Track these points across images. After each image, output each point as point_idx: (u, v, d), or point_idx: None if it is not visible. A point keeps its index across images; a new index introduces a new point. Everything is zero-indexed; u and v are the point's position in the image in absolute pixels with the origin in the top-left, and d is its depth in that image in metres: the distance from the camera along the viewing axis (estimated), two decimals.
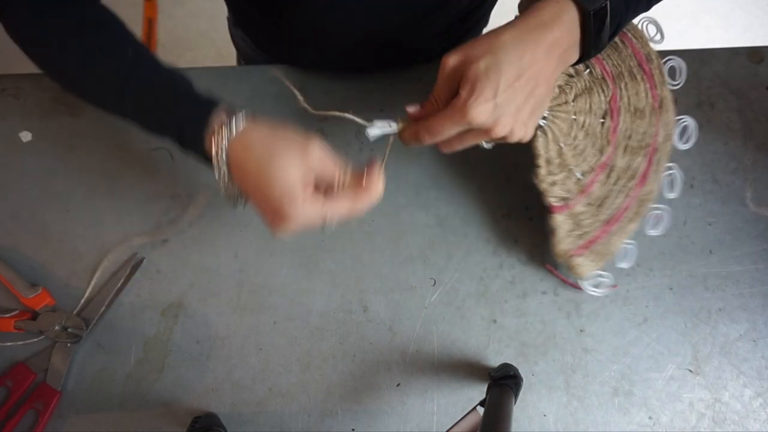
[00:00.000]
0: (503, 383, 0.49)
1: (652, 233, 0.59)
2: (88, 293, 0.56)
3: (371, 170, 0.43)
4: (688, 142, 0.61)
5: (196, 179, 0.60)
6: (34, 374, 0.54)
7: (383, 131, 0.46)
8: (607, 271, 0.58)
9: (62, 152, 0.60)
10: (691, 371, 0.56)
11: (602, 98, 0.55)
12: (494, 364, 0.56)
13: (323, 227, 0.42)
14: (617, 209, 0.56)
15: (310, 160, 0.41)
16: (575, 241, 0.55)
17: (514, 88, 0.41)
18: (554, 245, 0.54)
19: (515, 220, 0.60)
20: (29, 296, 0.54)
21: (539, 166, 0.52)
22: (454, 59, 0.42)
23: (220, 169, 0.42)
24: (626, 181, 0.56)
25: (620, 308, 0.58)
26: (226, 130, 0.41)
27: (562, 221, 0.54)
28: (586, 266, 0.55)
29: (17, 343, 0.55)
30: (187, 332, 0.56)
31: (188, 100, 0.44)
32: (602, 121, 0.55)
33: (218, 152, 0.41)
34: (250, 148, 0.41)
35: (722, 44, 0.75)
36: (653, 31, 0.59)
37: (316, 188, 0.42)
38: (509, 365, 0.54)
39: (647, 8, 0.50)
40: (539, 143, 0.52)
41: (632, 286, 0.58)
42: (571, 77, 0.55)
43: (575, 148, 0.54)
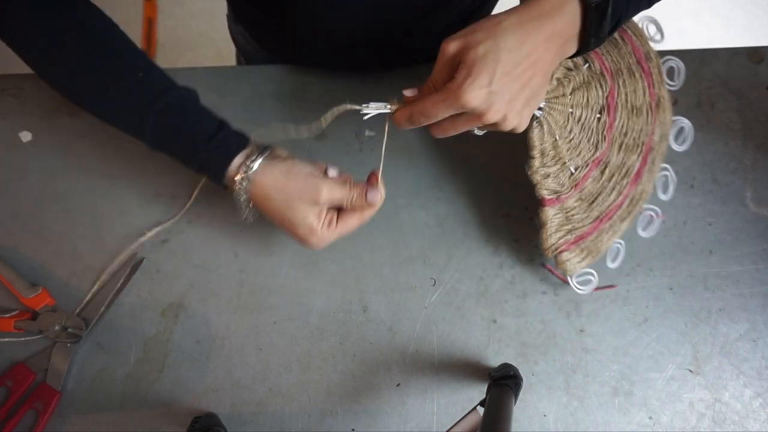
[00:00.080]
0: (503, 383, 0.49)
1: (643, 234, 0.59)
2: (90, 295, 0.56)
3: (372, 183, 0.49)
4: (684, 143, 0.61)
5: (196, 179, 0.60)
6: (34, 374, 0.54)
7: (378, 111, 0.47)
8: (604, 271, 0.58)
9: (62, 152, 0.60)
10: (691, 371, 0.56)
11: (600, 93, 0.55)
12: (494, 364, 0.56)
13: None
14: (609, 207, 0.56)
15: (322, 201, 0.47)
16: (565, 236, 0.54)
17: (510, 75, 0.41)
18: (543, 239, 0.54)
19: (515, 220, 0.60)
20: (29, 296, 0.54)
21: (533, 157, 0.52)
22: (454, 45, 0.42)
23: (241, 204, 0.49)
24: (620, 178, 0.56)
25: (620, 308, 0.58)
26: (245, 178, 0.47)
27: (553, 215, 0.54)
28: (573, 262, 0.55)
29: (17, 342, 0.55)
30: (187, 332, 0.56)
31: (207, 142, 0.48)
32: (599, 116, 0.55)
33: (239, 195, 0.48)
34: (268, 198, 0.48)
35: (722, 44, 0.75)
36: (653, 30, 0.59)
37: (329, 211, 0.49)
38: (509, 365, 0.54)
39: (648, 5, 0.50)
40: (535, 134, 0.52)
41: (632, 286, 0.58)
42: (569, 70, 0.54)
43: (570, 141, 0.54)
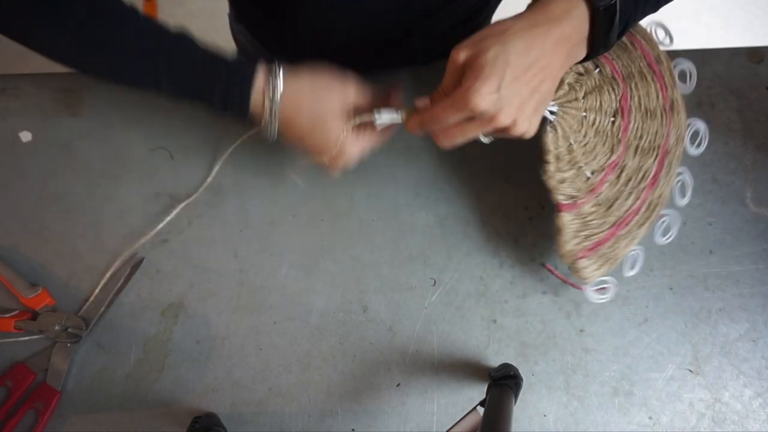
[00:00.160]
0: (503, 383, 0.49)
1: (661, 242, 0.58)
2: (90, 295, 0.56)
3: (394, 98, 0.50)
4: (699, 147, 0.60)
5: (196, 179, 0.60)
6: (34, 374, 0.54)
7: (391, 120, 0.48)
8: (610, 274, 0.56)
9: (62, 152, 0.60)
10: (691, 371, 0.56)
11: (612, 97, 0.55)
12: (494, 364, 0.56)
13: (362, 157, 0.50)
14: (626, 212, 0.54)
15: (350, 101, 0.47)
16: (582, 242, 0.53)
17: (520, 80, 0.41)
18: (560, 246, 0.53)
19: (515, 220, 0.60)
20: (29, 296, 0.54)
21: (548, 162, 0.51)
22: (464, 53, 0.42)
23: (270, 125, 0.47)
24: (636, 182, 0.55)
25: (620, 308, 0.58)
26: (271, 90, 0.45)
27: (569, 221, 0.53)
28: (591, 270, 0.54)
29: (17, 342, 0.55)
30: (187, 332, 0.56)
31: (225, 65, 0.46)
32: (612, 120, 0.54)
33: (269, 112, 0.46)
34: (299, 107, 0.46)
35: (722, 44, 0.75)
36: (662, 34, 0.59)
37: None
38: (509, 365, 0.54)
39: (656, 8, 0.50)
40: (549, 139, 0.51)
41: (632, 286, 0.58)
42: (581, 75, 0.54)
43: (585, 145, 0.53)
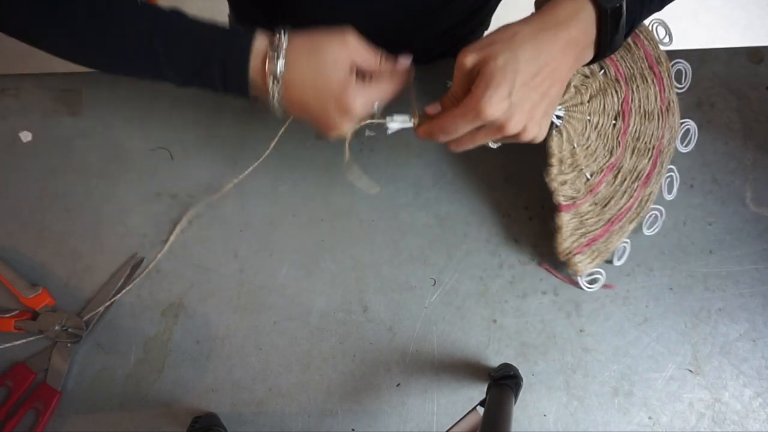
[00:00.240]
0: (503, 383, 0.49)
1: (648, 233, 0.59)
2: (90, 295, 0.56)
3: (401, 55, 0.47)
4: (689, 145, 0.61)
5: (196, 179, 0.60)
6: (34, 374, 0.54)
7: (401, 126, 0.48)
8: (605, 270, 0.58)
9: (62, 152, 0.60)
10: (691, 371, 0.56)
11: (615, 100, 0.56)
12: (494, 364, 0.56)
13: (373, 115, 0.47)
14: (620, 209, 0.57)
15: (350, 49, 0.44)
16: (578, 239, 0.55)
17: (529, 85, 0.41)
18: (558, 243, 0.55)
19: (515, 220, 0.60)
20: (29, 296, 0.54)
21: (552, 165, 0.53)
22: (471, 58, 0.41)
23: (272, 91, 0.44)
24: (631, 182, 0.57)
25: (620, 308, 0.58)
26: (274, 54, 0.43)
27: (568, 220, 0.54)
28: (584, 264, 0.56)
29: (17, 343, 0.55)
30: (187, 332, 0.56)
31: (222, 32, 0.44)
32: (614, 122, 0.56)
33: (272, 76, 0.44)
34: (298, 60, 0.44)
35: (722, 44, 0.75)
36: (662, 33, 0.59)
37: (358, 76, 0.45)
38: (509, 365, 0.54)
39: (661, 7, 0.50)
40: (554, 143, 0.52)
41: (632, 286, 0.58)
42: (586, 78, 0.55)
43: (587, 148, 0.55)
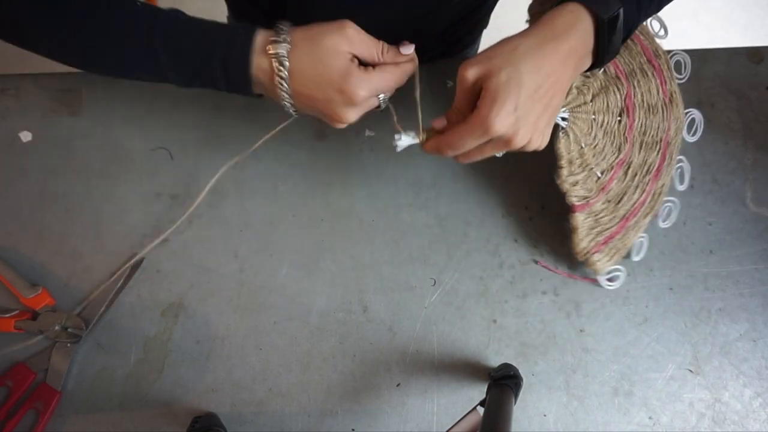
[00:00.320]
0: (503, 383, 0.49)
1: (663, 225, 0.59)
2: (90, 295, 0.56)
3: (404, 44, 0.47)
4: (695, 134, 0.62)
5: (196, 179, 0.60)
6: (34, 374, 0.54)
7: (409, 143, 0.48)
8: (620, 270, 0.58)
9: (62, 152, 0.60)
10: (691, 371, 0.56)
11: (618, 96, 0.56)
12: (494, 364, 0.56)
13: (378, 106, 0.47)
14: (634, 205, 0.57)
15: (350, 39, 0.44)
16: (595, 238, 0.56)
17: (533, 98, 0.42)
18: (575, 244, 0.55)
19: (515, 220, 0.60)
20: (29, 296, 0.54)
21: (562, 167, 0.53)
22: (473, 72, 0.42)
23: (280, 83, 0.44)
24: (642, 176, 0.57)
25: (620, 308, 0.58)
26: (277, 47, 0.43)
27: (582, 220, 0.54)
28: (603, 262, 0.56)
29: (17, 342, 0.55)
30: (187, 332, 0.56)
31: (222, 29, 0.44)
32: (619, 119, 0.56)
33: (278, 67, 0.43)
34: (299, 52, 0.43)
35: (722, 44, 0.75)
36: (657, 26, 0.60)
37: (360, 66, 0.44)
38: (509, 365, 0.54)
39: (658, 10, 0.50)
40: (562, 144, 0.53)
41: (632, 286, 0.58)
42: (587, 78, 0.56)
43: (595, 147, 0.55)
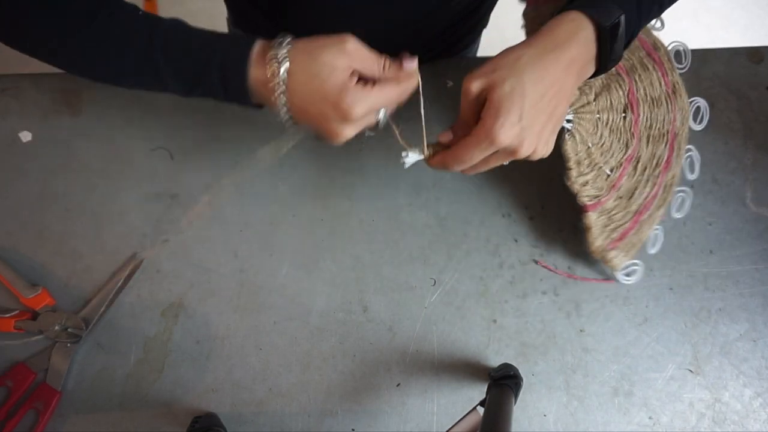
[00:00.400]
0: (503, 383, 0.49)
1: (677, 216, 0.60)
2: (90, 295, 0.56)
3: (406, 59, 0.46)
4: (701, 122, 0.62)
5: (196, 179, 0.60)
6: (34, 374, 0.54)
7: (417, 159, 0.48)
8: (637, 264, 0.58)
9: (62, 152, 0.60)
10: (691, 371, 0.56)
11: (620, 93, 0.56)
12: (494, 364, 0.56)
13: (377, 122, 0.46)
14: (646, 198, 0.57)
15: (349, 55, 0.43)
16: (609, 235, 0.56)
17: (537, 108, 0.42)
18: (590, 243, 0.55)
19: (515, 220, 0.60)
20: (29, 296, 0.54)
21: (570, 168, 0.53)
22: (476, 84, 0.42)
23: (278, 96, 0.43)
24: (652, 170, 0.57)
25: (620, 308, 0.58)
26: (276, 60, 0.42)
27: (595, 219, 0.55)
28: (620, 258, 0.56)
29: (17, 343, 0.55)
30: (187, 332, 0.56)
31: (222, 39, 0.44)
32: (623, 115, 0.56)
33: (275, 81, 0.43)
34: (296, 66, 0.43)
35: (722, 44, 0.75)
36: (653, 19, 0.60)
37: (360, 82, 0.44)
38: (509, 365, 0.54)
39: (659, 14, 0.50)
40: (568, 146, 0.53)
41: (632, 286, 0.58)
42: (590, 79, 0.56)
43: (602, 145, 0.55)
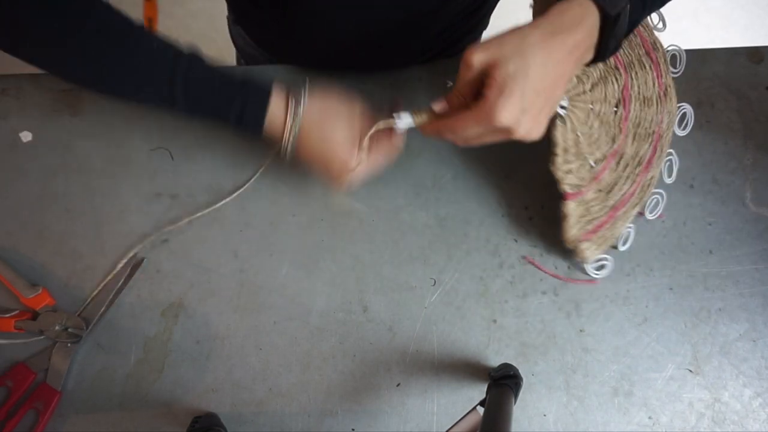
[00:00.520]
0: (503, 383, 0.49)
1: (650, 217, 0.60)
2: (90, 295, 0.56)
3: (397, 104, 0.52)
4: (686, 128, 0.62)
5: (196, 179, 0.60)
6: (34, 374, 0.54)
7: (410, 124, 0.49)
8: (607, 259, 0.58)
9: (62, 152, 0.60)
10: (691, 371, 0.56)
11: (616, 87, 0.56)
12: (494, 364, 0.56)
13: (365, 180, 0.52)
14: (624, 195, 0.57)
15: (357, 128, 0.49)
16: (584, 226, 0.56)
17: (537, 91, 0.42)
18: (565, 231, 0.55)
19: (515, 220, 0.60)
20: (29, 296, 0.54)
21: (556, 154, 0.53)
22: (479, 58, 0.42)
23: (286, 146, 0.50)
24: (633, 167, 0.57)
25: (620, 308, 0.58)
26: (291, 115, 0.48)
27: (573, 208, 0.55)
28: (591, 251, 0.56)
29: (17, 342, 0.55)
30: (187, 332, 0.56)
31: (243, 86, 0.48)
32: (615, 109, 0.56)
33: (288, 135, 0.49)
34: (310, 130, 0.49)
35: (722, 44, 0.75)
36: (656, 19, 0.60)
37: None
38: (509, 365, 0.54)
39: (661, 6, 0.50)
40: (558, 132, 0.53)
41: (632, 286, 0.58)
42: (587, 66, 0.56)
43: (590, 136, 0.55)
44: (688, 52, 0.64)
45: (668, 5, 0.53)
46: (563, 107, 0.53)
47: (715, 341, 0.57)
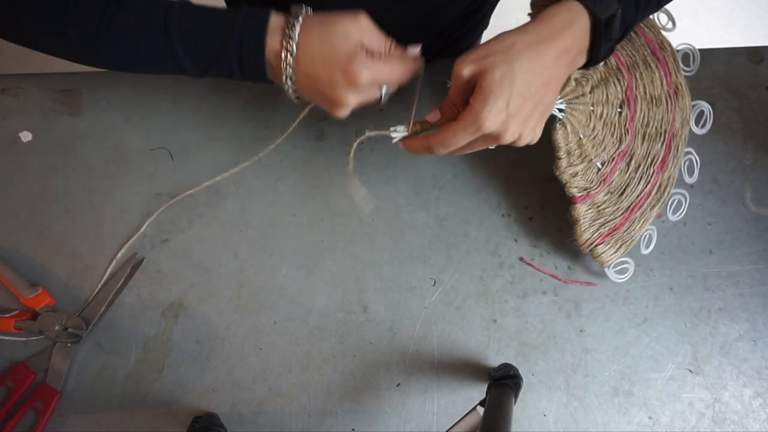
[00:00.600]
0: (503, 383, 0.49)
1: (673, 219, 0.59)
2: (90, 295, 0.56)
3: (410, 45, 0.48)
4: (704, 127, 0.61)
5: (196, 179, 0.60)
6: (34, 374, 0.54)
7: (404, 135, 0.49)
8: (628, 263, 0.58)
9: (62, 152, 0.60)
10: (691, 371, 0.56)
11: (618, 88, 0.56)
12: (494, 364, 0.56)
13: (381, 99, 0.47)
14: (638, 196, 0.57)
15: (361, 28, 0.45)
16: (598, 230, 0.55)
17: (524, 97, 0.42)
18: (578, 235, 0.55)
19: (515, 220, 0.60)
20: (29, 296, 0.54)
21: (560, 158, 0.53)
22: (468, 69, 0.42)
23: (286, 65, 0.45)
24: (646, 168, 0.57)
25: (620, 308, 0.58)
26: (290, 29, 0.44)
27: (584, 211, 0.55)
28: (609, 254, 0.56)
29: (17, 342, 0.55)
30: (187, 332, 0.56)
31: (236, 13, 0.45)
32: (619, 110, 0.56)
33: (286, 46, 0.44)
34: (309, 33, 0.44)
35: (722, 44, 0.75)
36: (665, 19, 0.60)
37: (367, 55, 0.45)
38: (509, 365, 0.54)
39: (657, 9, 0.50)
40: (559, 135, 0.53)
41: (632, 286, 0.58)
42: (586, 70, 0.55)
43: (594, 138, 0.55)
44: None
45: (668, 5, 0.53)
46: (561, 110, 0.53)
47: (715, 341, 0.57)
